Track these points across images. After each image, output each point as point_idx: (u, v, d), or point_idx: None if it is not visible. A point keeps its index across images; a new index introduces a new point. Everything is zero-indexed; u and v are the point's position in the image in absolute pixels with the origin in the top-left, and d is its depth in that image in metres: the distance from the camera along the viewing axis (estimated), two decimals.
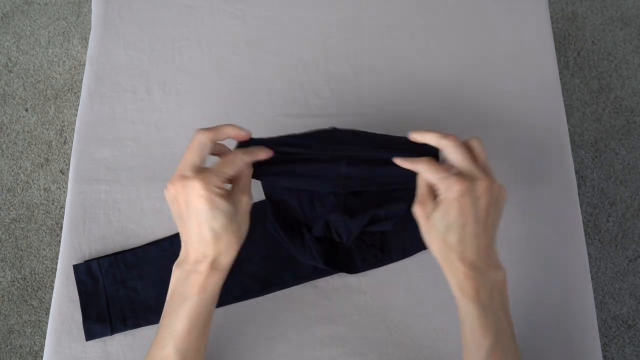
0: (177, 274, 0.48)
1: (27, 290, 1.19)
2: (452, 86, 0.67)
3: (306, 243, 0.55)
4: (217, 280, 0.46)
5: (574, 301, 0.58)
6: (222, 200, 0.45)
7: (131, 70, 0.67)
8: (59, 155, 1.28)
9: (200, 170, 0.45)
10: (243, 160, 0.48)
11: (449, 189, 0.45)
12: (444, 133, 0.48)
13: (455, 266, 0.46)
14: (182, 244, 0.48)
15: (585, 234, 1.17)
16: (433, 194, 0.48)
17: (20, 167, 1.27)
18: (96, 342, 0.56)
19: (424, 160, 0.47)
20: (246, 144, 0.50)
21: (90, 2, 1.26)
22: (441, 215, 0.46)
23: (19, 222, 1.23)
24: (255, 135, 0.64)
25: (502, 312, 0.47)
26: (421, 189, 0.48)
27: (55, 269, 1.15)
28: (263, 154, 0.49)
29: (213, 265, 0.46)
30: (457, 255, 0.46)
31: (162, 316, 0.48)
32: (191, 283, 0.46)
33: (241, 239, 0.47)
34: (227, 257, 0.47)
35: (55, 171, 1.27)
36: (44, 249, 1.21)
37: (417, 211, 0.47)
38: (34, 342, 1.15)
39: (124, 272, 0.57)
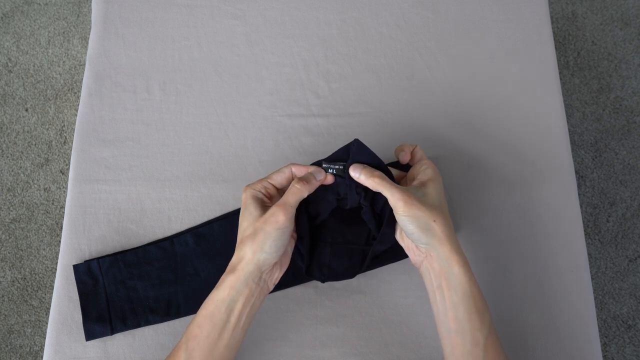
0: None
1: (27, 290, 1.19)
2: (452, 86, 0.67)
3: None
4: (228, 282, 0.47)
5: (574, 301, 0.58)
6: (252, 202, 0.48)
7: (131, 70, 0.67)
8: (59, 155, 1.28)
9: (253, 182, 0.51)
10: (289, 169, 0.50)
11: (432, 170, 0.51)
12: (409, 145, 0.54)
13: (456, 241, 0.49)
14: None
15: (585, 234, 1.17)
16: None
17: (20, 167, 1.27)
18: (96, 342, 0.56)
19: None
20: None
21: (90, 2, 1.26)
22: (438, 188, 0.50)
23: (19, 222, 1.23)
24: (253, 135, 0.65)
25: None
26: (396, 187, 0.48)
27: (55, 269, 1.15)
28: (319, 175, 0.50)
29: (230, 266, 0.48)
30: (452, 229, 0.49)
31: None
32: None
33: (262, 252, 0.47)
34: (241, 263, 0.47)
35: (55, 171, 1.27)
36: (44, 249, 1.21)
37: (409, 199, 0.47)
38: (34, 342, 1.15)
39: (124, 272, 0.57)
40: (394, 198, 0.47)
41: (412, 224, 0.47)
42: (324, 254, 0.53)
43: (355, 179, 0.49)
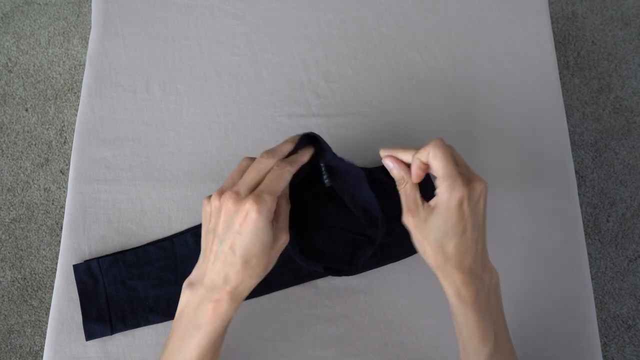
0: (188, 295, 0.45)
1: (27, 290, 1.19)
2: (452, 86, 0.67)
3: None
4: (231, 311, 0.44)
5: (574, 301, 0.58)
6: (269, 230, 0.43)
7: (131, 70, 0.67)
8: (59, 155, 1.28)
9: (256, 193, 0.43)
10: (290, 173, 0.45)
11: (451, 194, 0.43)
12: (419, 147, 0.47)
13: (451, 274, 0.45)
14: (201, 261, 0.46)
15: (585, 234, 1.17)
16: (422, 200, 0.46)
17: (20, 167, 1.27)
18: (96, 342, 0.56)
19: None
20: None
21: (90, 2, 1.26)
22: (439, 223, 0.44)
23: (19, 222, 1.23)
24: (253, 135, 0.65)
25: (498, 315, 0.47)
26: (409, 198, 0.47)
27: (55, 269, 1.15)
28: (306, 157, 0.48)
29: (232, 294, 0.43)
30: (454, 263, 0.45)
31: (170, 336, 0.46)
32: (204, 311, 0.43)
33: (264, 274, 0.45)
34: (246, 290, 0.44)
35: (55, 171, 1.27)
36: (44, 249, 1.21)
37: (409, 221, 0.46)
38: (34, 342, 1.15)
39: (124, 272, 0.57)
40: (403, 209, 0.47)
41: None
42: (318, 236, 0.53)
43: (389, 168, 0.48)
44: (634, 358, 1.15)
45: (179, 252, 0.59)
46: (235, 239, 0.42)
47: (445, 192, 0.43)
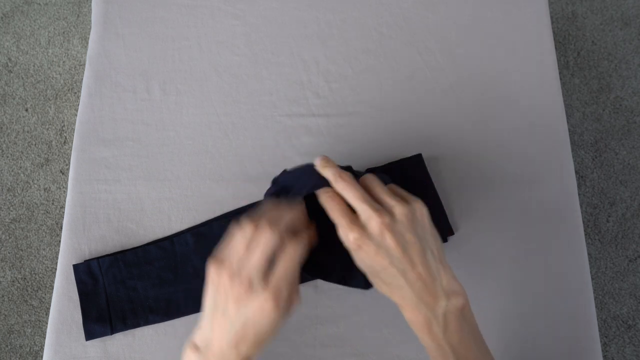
0: (193, 359, 0.44)
1: (27, 290, 1.19)
2: (452, 86, 0.67)
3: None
4: None
5: (574, 301, 0.58)
6: (284, 316, 0.42)
7: (131, 70, 0.67)
8: (59, 155, 1.28)
9: (274, 289, 0.41)
10: (302, 257, 0.44)
11: (347, 242, 0.43)
12: (339, 172, 0.44)
13: (398, 303, 0.45)
14: (207, 328, 0.44)
15: (585, 234, 1.17)
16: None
17: (20, 167, 1.27)
18: (96, 342, 0.56)
19: (336, 210, 0.44)
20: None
21: (90, 2, 1.26)
22: (359, 263, 0.45)
23: (19, 222, 1.23)
24: (253, 135, 0.65)
25: (462, 342, 0.44)
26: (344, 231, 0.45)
27: (55, 269, 1.15)
28: (313, 231, 0.47)
29: (245, 358, 0.43)
30: (396, 294, 0.44)
31: None
32: None
33: None
34: (259, 354, 0.44)
35: (55, 171, 1.27)
36: (44, 249, 1.21)
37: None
38: (34, 342, 1.15)
39: (124, 272, 0.57)
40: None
41: None
42: (319, 248, 0.51)
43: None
44: (634, 358, 1.15)
45: (179, 251, 0.59)
46: (248, 324, 0.42)
47: (345, 239, 0.44)
